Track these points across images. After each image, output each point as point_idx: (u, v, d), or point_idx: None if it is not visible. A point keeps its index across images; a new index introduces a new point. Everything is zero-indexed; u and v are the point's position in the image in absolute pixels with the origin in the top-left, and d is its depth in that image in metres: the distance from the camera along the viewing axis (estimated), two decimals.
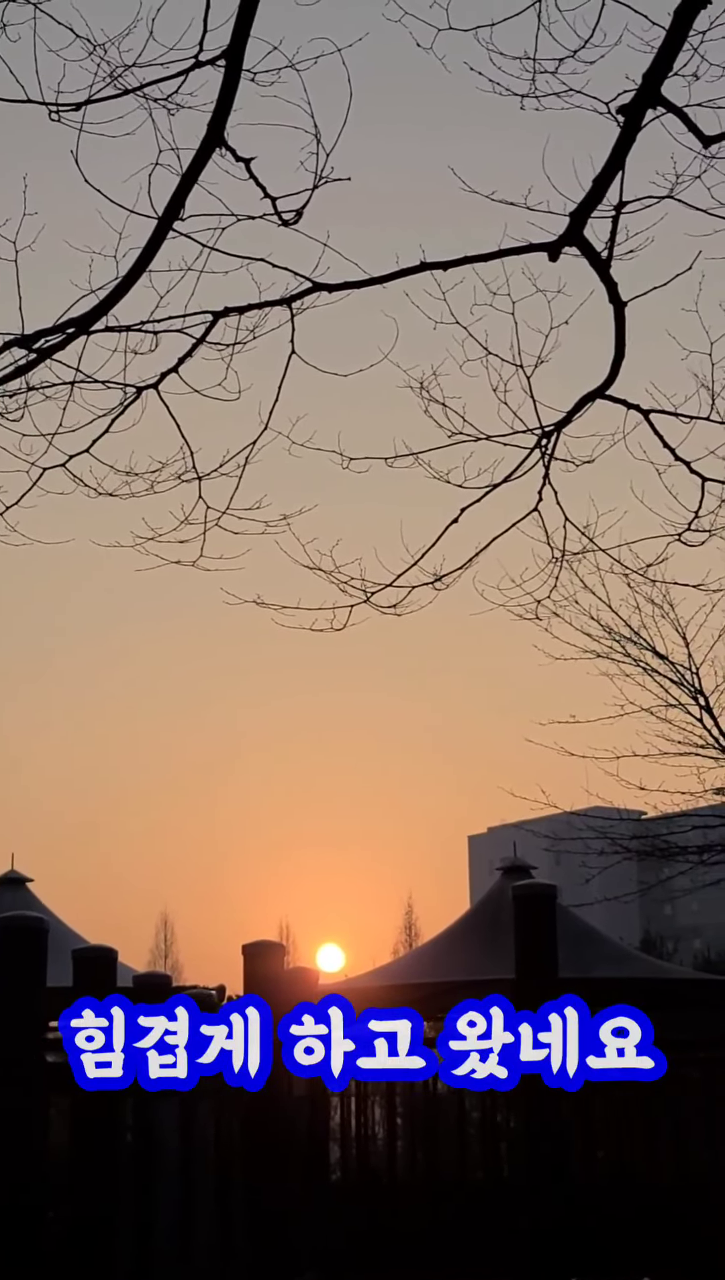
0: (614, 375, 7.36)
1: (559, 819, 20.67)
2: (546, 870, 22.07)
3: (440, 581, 8.12)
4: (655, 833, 20.90)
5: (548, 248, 6.81)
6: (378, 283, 7.01)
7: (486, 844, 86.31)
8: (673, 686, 18.65)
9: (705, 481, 7.86)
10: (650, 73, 6.18)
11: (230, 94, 6.31)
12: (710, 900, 55.23)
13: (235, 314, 7.18)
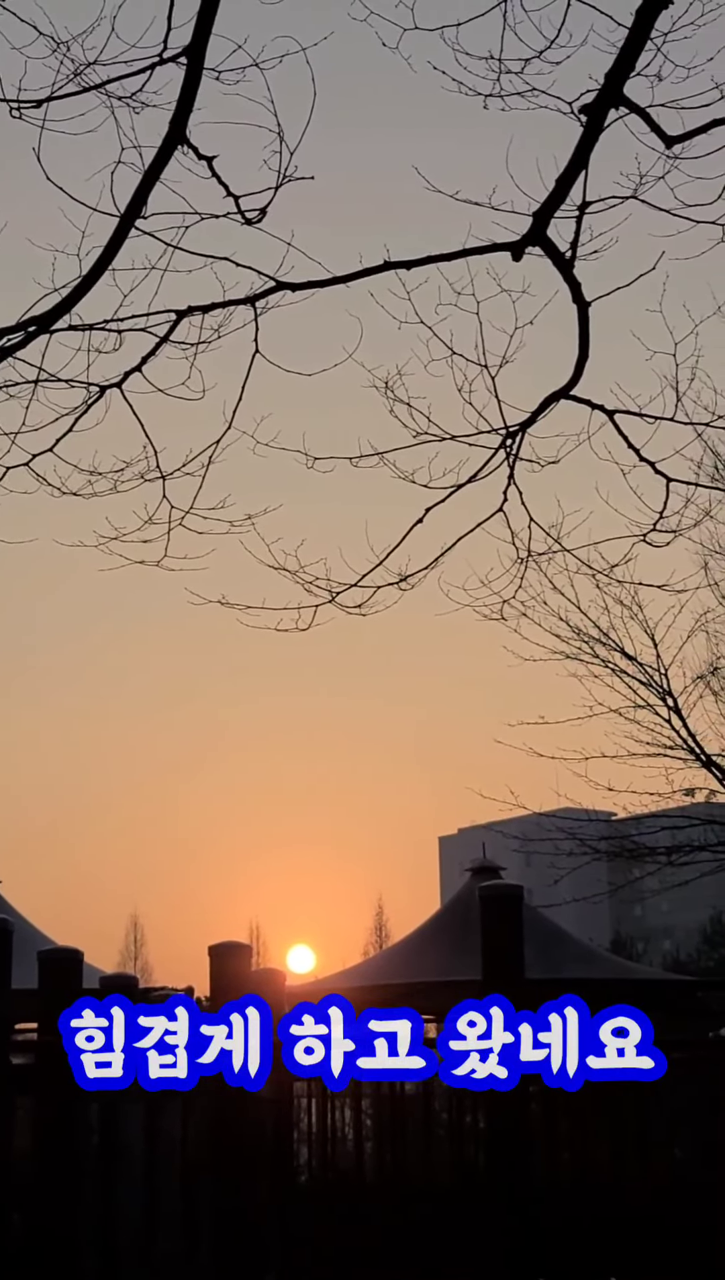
0: (578, 376, 7.36)
1: (530, 820, 20.70)
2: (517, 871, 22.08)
3: (405, 582, 8.11)
4: (624, 834, 20.96)
5: (511, 248, 6.81)
6: (341, 282, 7.00)
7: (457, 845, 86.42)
8: (641, 688, 18.71)
9: (670, 482, 7.87)
10: (612, 73, 6.18)
11: (192, 92, 6.29)
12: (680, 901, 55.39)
13: (199, 313, 7.16)
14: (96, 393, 7.41)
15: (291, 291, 7.07)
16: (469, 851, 22.19)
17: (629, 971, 19.50)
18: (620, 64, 6.14)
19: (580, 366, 7.33)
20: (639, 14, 6.02)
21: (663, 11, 6.01)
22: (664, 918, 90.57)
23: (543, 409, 7.52)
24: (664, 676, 18.68)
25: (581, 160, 6.44)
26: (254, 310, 7.14)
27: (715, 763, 18.73)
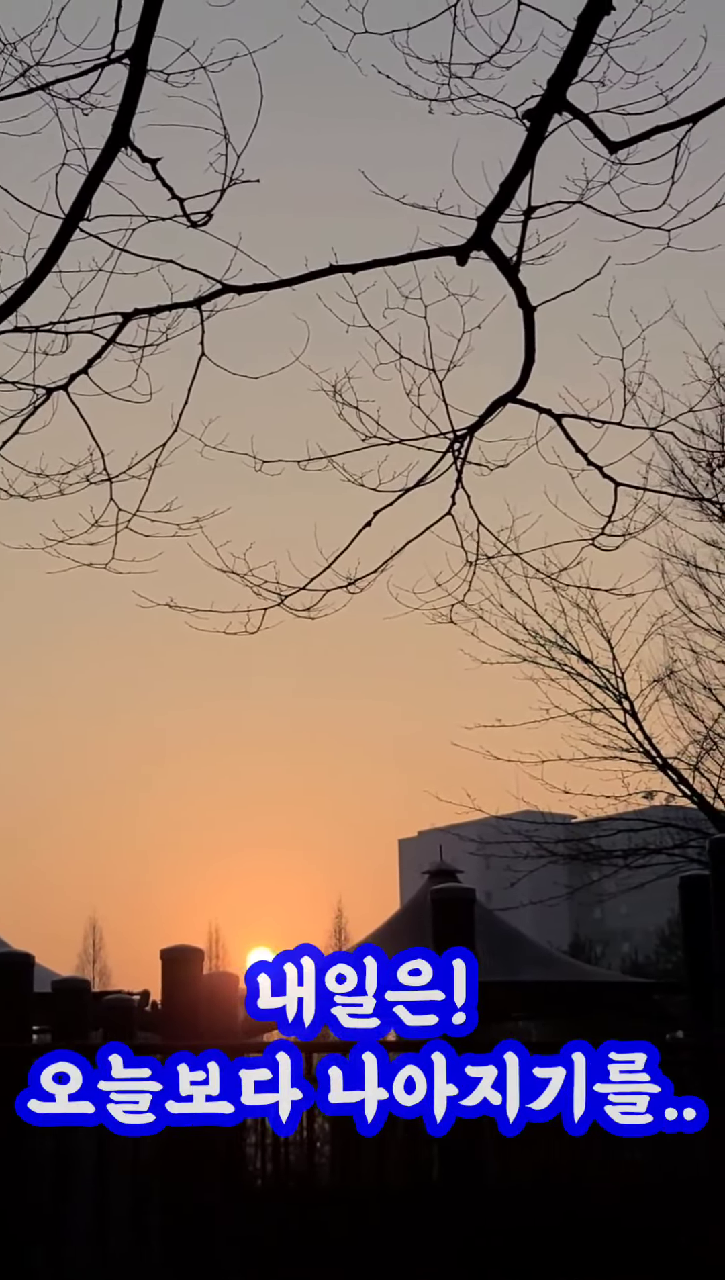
0: (524, 380, 7.37)
1: (490, 823, 20.74)
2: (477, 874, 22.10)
3: (355, 585, 8.10)
4: (581, 836, 21.03)
5: (456, 252, 6.81)
6: (287, 285, 6.99)
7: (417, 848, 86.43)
8: (598, 691, 18.77)
9: (618, 486, 7.89)
10: (555, 78, 6.19)
11: (135, 94, 6.27)
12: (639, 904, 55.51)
13: (145, 315, 7.13)
14: (43, 395, 7.38)
15: (237, 294, 7.06)
16: (429, 854, 22.25)
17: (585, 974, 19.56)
18: (563, 70, 6.15)
19: (526, 371, 7.34)
20: (581, 20, 6.03)
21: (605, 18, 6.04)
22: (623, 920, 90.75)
23: (490, 413, 7.52)
24: (620, 680, 18.77)
25: (525, 165, 6.45)
26: (200, 313, 7.13)
27: (671, 765, 18.81)
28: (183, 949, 11.17)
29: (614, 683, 18.67)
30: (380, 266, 7.03)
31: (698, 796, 18.73)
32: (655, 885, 19.65)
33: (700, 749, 18.83)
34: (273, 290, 7.04)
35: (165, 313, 7.19)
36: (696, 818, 19.25)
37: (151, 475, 7.42)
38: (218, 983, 11.81)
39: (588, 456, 7.67)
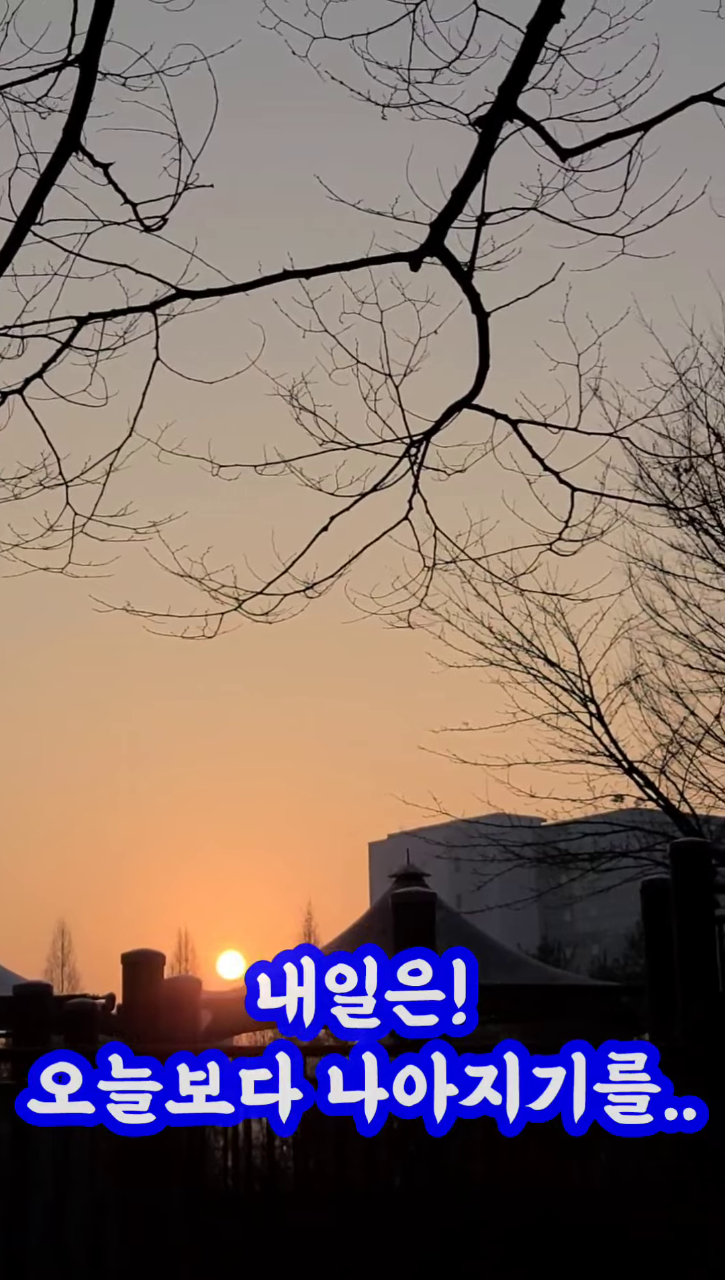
0: (479, 385, 7.38)
1: (459, 826, 20.75)
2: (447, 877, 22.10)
3: (312, 589, 8.11)
4: (548, 840, 21.06)
5: (409, 258, 6.82)
6: (241, 290, 6.99)
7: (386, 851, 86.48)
8: (563, 694, 18.79)
9: (574, 491, 7.90)
10: (506, 85, 6.20)
11: (85, 98, 6.27)
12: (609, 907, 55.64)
13: (99, 320, 7.13)
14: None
15: (192, 299, 7.05)
16: (398, 858, 22.27)
17: (552, 978, 19.57)
18: (513, 77, 6.16)
19: (481, 376, 7.35)
20: (530, 28, 6.05)
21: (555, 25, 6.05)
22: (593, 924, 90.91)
23: (446, 418, 7.53)
24: (586, 683, 18.79)
25: (477, 172, 6.47)
26: (154, 318, 7.12)
27: (637, 769, 18.85)
28: (143, 953, 11.18)
29: (580, 686, 18.71)
30: (335, 272, 7.04)
31: (663, 800, 18.77)
32: (625, 888, 19.68)
33: (666, 752, 18.88)
34: (228, 295, 7.04)
35: (120, 317, 7.19)
36: (662, 821, 19.29)
37: (106, 479, 7.42)
38: (179, 986, 11.81)
39: (544, 462, 7.69)
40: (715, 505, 18.49)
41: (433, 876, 18.71)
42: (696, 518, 18.75)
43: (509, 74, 6.20)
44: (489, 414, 7.57)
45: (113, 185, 6.56)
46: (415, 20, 7.06)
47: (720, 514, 18.77)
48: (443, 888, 21.45)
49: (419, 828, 22.18)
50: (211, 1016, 16.76)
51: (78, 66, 6.21)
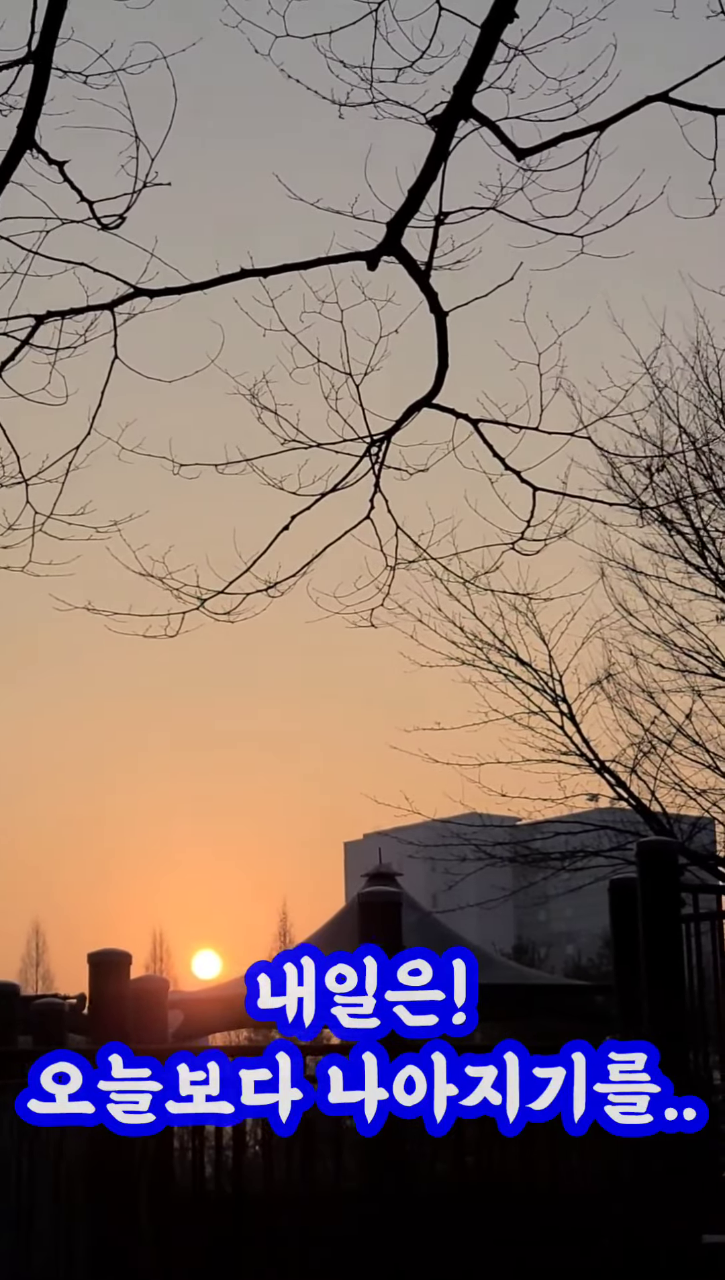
0: (439, 385, 7.39)
1: (435, 826, 20.77)
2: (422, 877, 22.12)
3: (275, 589, 8.11)
4: (520, 839, 21.08)
5: (367, 257, 6.83)
6: (199, 289, 6.99)
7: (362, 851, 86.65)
8: (535, 694, 18.81)
9: (536, 491, 7.92)
10: (461, 85, 6.21)
11: (40, 95, 6.26)
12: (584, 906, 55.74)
13: (58, 318, 7.12)
14: None
15: (151, 298, 7.05)
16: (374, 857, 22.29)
17: (524, 977, 19.58)
18: (468, 77, 6.17)
19: (441, 376, 7.36)
20: (484, 28, 6.05)
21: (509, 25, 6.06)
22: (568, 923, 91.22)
23: (406, 418, 7.54)
24: (558, 683, 18.81)
25: (433, 171, 6.47)
26: (113, 316, 7.12)
27: (609, 768, 18.88)
28: (110, 953, 11.16)
29: (552, 686, 18.73)
30: (293, 271, 7.04)
31: (635, 799, 18.80)
32: (598, 887, 19.68)
33: (638, 751, 18.91)
34: (186, 294, 7.04)
35: (79, 316, 7.18)
36: (634, 820, 19.31)
37: (65, 478, 7.42)
38: (146, 987, 11.80)
39: (505, 461, 7.70)
40: (687, 504, 18.53)
41: (408, 876, 18.72)
42: (667, 517, 18.80)
43: (464, 73, 6.21)
44: (450, 413, 7.59)
45: (69, 183, 6.56)
46: (378, 19, 7.08)
47: (692, 513, 18.82)
48: (418, 887, 21.48)
49: (394, 828, 22.18)
50: (184, 1016, 16.75)
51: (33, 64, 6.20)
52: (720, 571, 19.06)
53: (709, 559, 19.05)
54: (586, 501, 8.68)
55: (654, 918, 9.98)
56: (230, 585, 7.95)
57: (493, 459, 7.91)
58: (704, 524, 19.01)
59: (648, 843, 11.04)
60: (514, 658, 18.79)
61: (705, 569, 19.10)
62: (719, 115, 6.38)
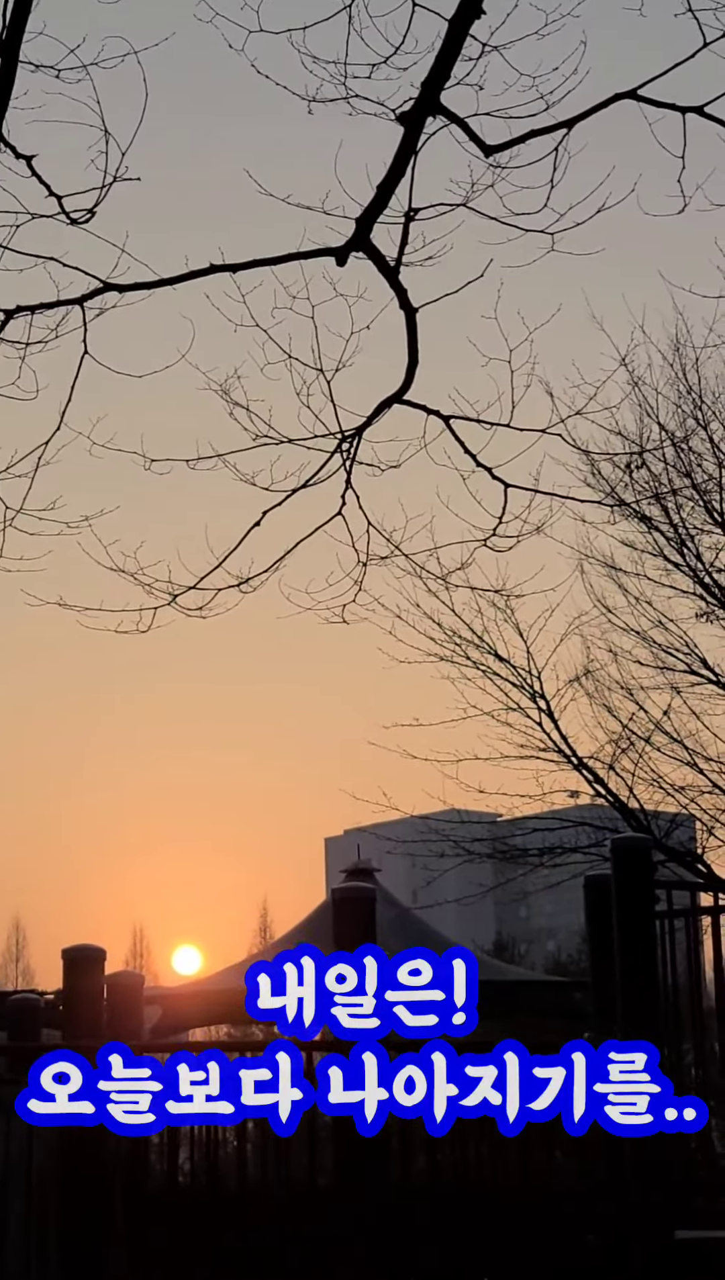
0: (409, 381, 7.39)
1: (415, 822, 20.78)
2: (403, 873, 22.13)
3: (246, 584, 8.11)
4: (498, 836, 21.10)
5: (336, 253, 6.82)
6: (169, 284, 6.98)
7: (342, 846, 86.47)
8: (513, 690, 18.82)
9: (508, 488, 7.92)
10: (428, 81, 6.21)
11: (7, 90, 6.24)
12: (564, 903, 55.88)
13: (27, 313, 7.11)
14: None
15: (121, 293, 7.04)
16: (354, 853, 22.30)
17: (502, 973, 19.58)
18: (436, 73, 6.17)
19: (411, 372, 7.36)
20: (452, 24, 6.05)
21: (477, 21, 6.06)
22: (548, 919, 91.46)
23: (377, 414, 7.55)
24: (537, 679, 18.82)
25: (401, 167, 6.47)
26: (83, 311, 7.11)
27: (587, 765, 18.90)
28: (84, 948, 11.11)
29: (530, 682, 18.74)
30: (263, 266, 7.04)
31: (613, 796, 18.83)
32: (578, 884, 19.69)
33: (616, 748, 18.94)
34: (156, 289, 7.03)
35: (49, 310, 7.17)
36: (611, 817, 19.35)
37: (35, 473, 7.41)
38: (121, 982, 11.76)
39: (476, 458, 7.71)
40: (665, 501, 18.56)
41: (388, 872, 18.72)
42: (646, 514, 18.82)
43: (432, 70, 6.20)
44: (421, 409, 7.59)
45: (37, 177, 6.55)
46: (352, 15, 7.07)
47: (670, 510, 18.85)
48: (398, 883, 21.49)
49: (373, 824, 22.19)
50: (161, 1012, 16.73)
51: (0, 57, 6.18)
52: (699, 569, 19.10)
53: (687, 556, 19.09)
54: (560, 498, 8.69)
55: (628, 914, 10.00)
56: (202, 581, 7.95)
57: (464, 455, 7.93)
58: (682, 521, 19.05)
59: (622, 839, 11.05)
60: (492, 654, 18.81)
61: (684, 566, 19.14)
62: (687, 113, 6.38)
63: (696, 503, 18.94)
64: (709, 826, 19.75)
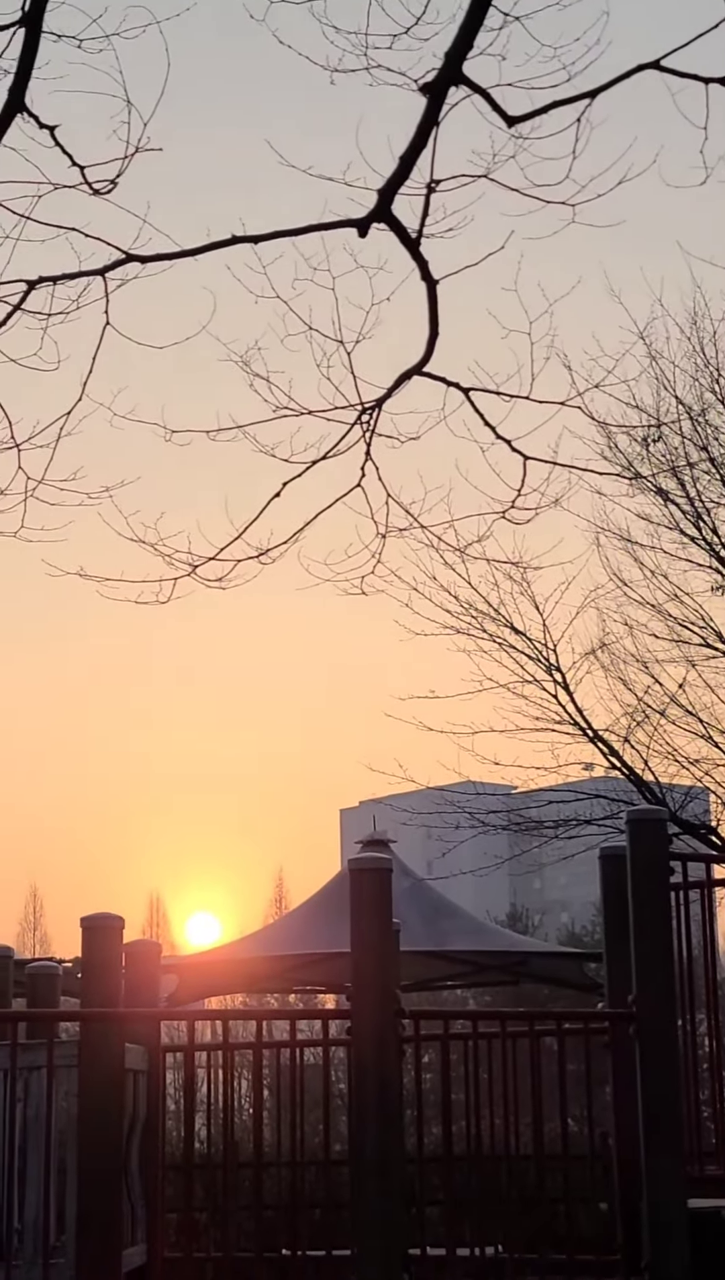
0: (430, 353, 7.39)
1: (430, 793, 20.86)
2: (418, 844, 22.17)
3: (266, 556, 8.13)
4: (514, 807, 21.17)
5: (357, 224, 6.83)
6: (191, 255, 6.99)
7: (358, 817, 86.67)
8: (529, 662, 18.87)
9: (527, 460, 7.94)
10: (452, 51, 6.21)
11: (30, 59, 6.25)
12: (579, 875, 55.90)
13: (49, 284, 7.13)
14: None
15: (142, 264, 7.06)
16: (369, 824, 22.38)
17: (516, 944, 19.66)
18: (459, 43, 6.17)
19: (431, 344, 7.36)
20: None
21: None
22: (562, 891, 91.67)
23: (397, 386, 7.56)
24: (553, 652, 18.87)
25: (424, 138, 6.47)
26: (104, 282, 7.13)
27: (602, 737, 18.95)
28: (103, 916, 11.17)
29: (546, 654, 18.80)
30: (285, 237, 7.05)
31: (628, 768, 18.89)
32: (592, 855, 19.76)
33: (631, 721, 19.00)
34: (178, 260, 7.04)
35: (73, 281, 7.19)
36: (627, 789, 19.40)
37: (57, 443, 7.43)
38: (138, 951, 11.82)
39: (496, 430, 7.72)
40: (682, 475, 18.56)
41: (403, 843, 18.79)
42: (662, 488, 18.83)
43: (455, 39, 6.20)
44: (441, 382, 7.60)
45: (59, 147, 6.56)
46: None
47: (687, 484, 18.85)
48: (414, 854, 21.56)
49: (388, 795, 22.26)
50: (178, 980, 16.83)
51: (24, 27, 6.20)
52: (715, 542, 19.11)
53: (704, 530, 19.10)
54: (578, 471, 8.70)
55: (644, 886, 10.04)
56: (221, 552, 7.98)
57: (484, 427, 7.94)
58: (699, 494, 19.05)
59: (637, 811, 11.10)
60: (508, 627, 18.87)
61: (700, 540, 19.16)
62: (710, 84, 6.37)
63: (713, 476, 18.95)
64: (724, 799, 19.81)
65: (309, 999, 23.45)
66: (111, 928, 11.11)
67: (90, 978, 11.02)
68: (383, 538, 8.15)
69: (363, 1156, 9.73)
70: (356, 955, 10.03)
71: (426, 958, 16.79)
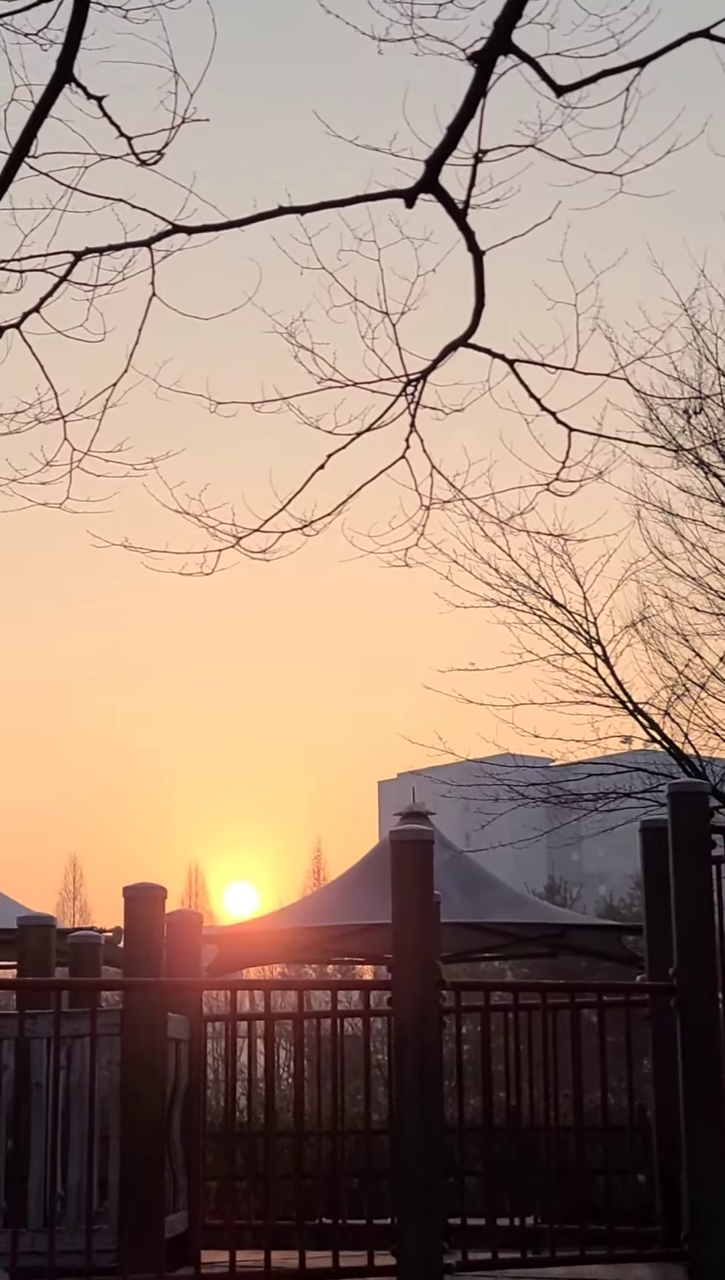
0: (475, 324, 7.37)
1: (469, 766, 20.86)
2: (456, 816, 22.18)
3: (310, 527, 8.13)
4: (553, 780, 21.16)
5: (404, 194, 6.81)
6: (237, 225, 6.99)
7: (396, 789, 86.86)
8: (569, 635, 18.83)
9: (572, 432, 7.91)
10: (501, 20, 6.18)
11: (79, 29, 6.25)
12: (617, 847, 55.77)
13: (95, 255, 7.13)
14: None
15: (189, 235, 7.05)
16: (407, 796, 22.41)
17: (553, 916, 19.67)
18: (509, 11, 6.14)
19: (477, 315, 7.34)
20: None
21: None
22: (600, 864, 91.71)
23: (442, 357, 7.54)
24: (593, 624, 18.83)
25: (472, 108, 6.44)
26: (150, 253, 7.13)
27: (642, 710, 18.90)
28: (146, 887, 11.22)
29: (586, 628, 18.76)
30: (331, 208, 7.03)
31: (668, 742, 18.84)
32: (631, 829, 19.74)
33: (672, 694, 18.95)
34: (224, 231, 7.04)
35: (117, 252, 7.19)
36: (667, 763, 19.36)
37: (103, 415, 7.44)
38: (180, 921, 11.88)
39: (541, 401, 7.69)
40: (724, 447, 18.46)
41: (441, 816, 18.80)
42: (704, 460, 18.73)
43: (504, 8, 6.17)
44: (486, 353, 7.58)
45: (107, 118, 6.55)
46: None
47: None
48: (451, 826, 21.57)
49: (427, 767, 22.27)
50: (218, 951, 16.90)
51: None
52: None
53: None
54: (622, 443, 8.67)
55: (685, 859, 10.02)
56: (266, 523, 7.98)
57: (528, 399, 7.91)
58: None
59: (679, 784, 11.06)
60: (549, 599, 18.82)
61: None
62: None
63: None
64: None
65: (347, 970, 23.53)
66: (154, 898, 11.16)
67: (133, 947, 11.08)
68: (427, 510, 8.15)
69: (403, 1126, 9.75)
70: (398, 926, 10.03)
71: (465, 929, 16.80)
